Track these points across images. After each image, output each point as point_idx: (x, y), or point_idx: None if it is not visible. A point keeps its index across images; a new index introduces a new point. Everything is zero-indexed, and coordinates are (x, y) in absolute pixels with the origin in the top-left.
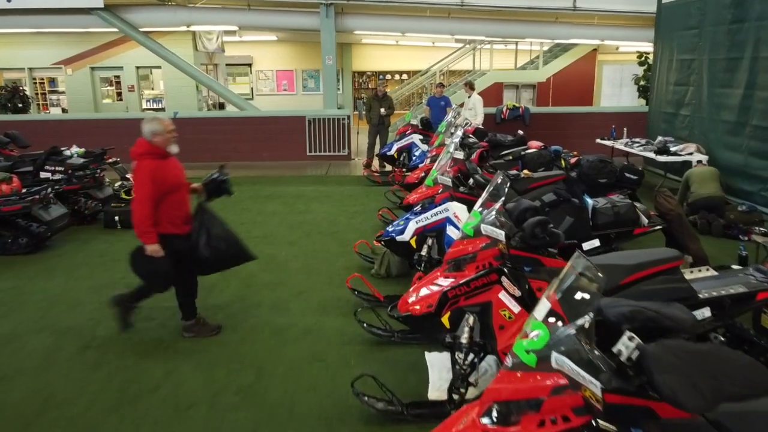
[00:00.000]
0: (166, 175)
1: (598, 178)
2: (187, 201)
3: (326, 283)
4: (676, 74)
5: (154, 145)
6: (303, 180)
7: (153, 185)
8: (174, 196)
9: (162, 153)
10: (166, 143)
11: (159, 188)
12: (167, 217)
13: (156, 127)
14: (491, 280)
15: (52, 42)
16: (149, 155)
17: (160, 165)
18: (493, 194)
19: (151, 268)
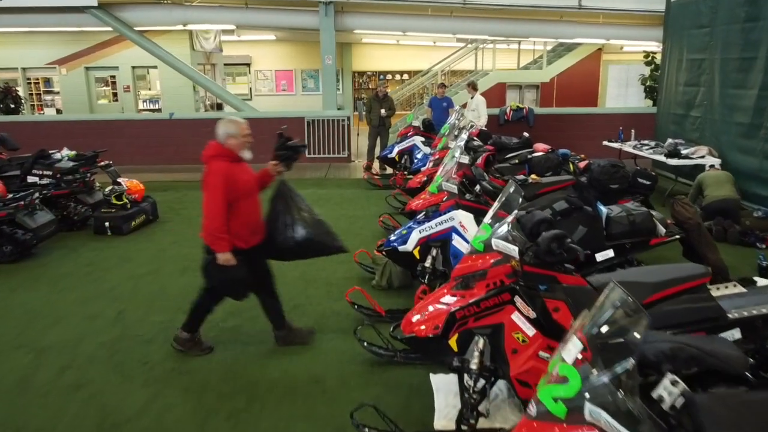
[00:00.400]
0: (237, 181)
1: (610, 183)
2: (257, 210)
3: (324, 295)
4: (686, 74)
5: (227, 148)
6: (301, 183)
7: (225, 188)
8: (242, 205)
9: (234, 157)
10: (239, 147)
11: (229, 193)
12: (233, 228)
13: (231, 129)
14: (503, 300)
15: (46, 41)
16: (221, 157)
17: (232, 168)
18: (505, 205)
19: (225, 278)
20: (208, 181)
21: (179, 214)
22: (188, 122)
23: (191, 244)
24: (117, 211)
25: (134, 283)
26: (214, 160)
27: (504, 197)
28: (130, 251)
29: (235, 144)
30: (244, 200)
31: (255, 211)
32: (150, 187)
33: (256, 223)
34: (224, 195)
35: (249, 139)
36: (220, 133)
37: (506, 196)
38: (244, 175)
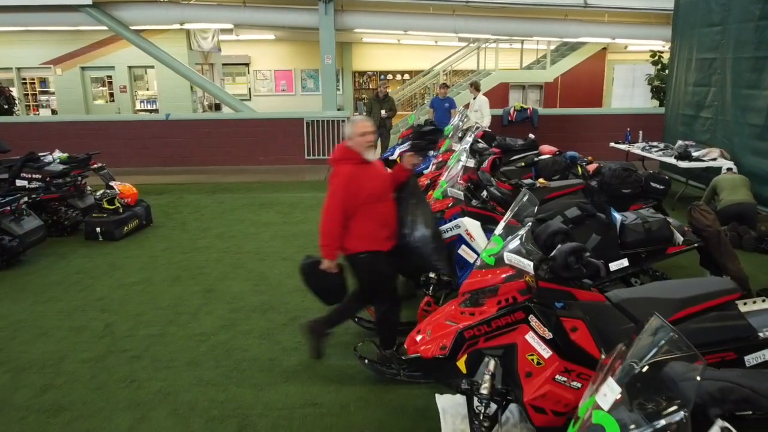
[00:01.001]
0: (362, 184)
1: (622, 188)
2: (390, 214)
3: (323, 306)
4: (695, 74)
5: (350, 150)
6: (300, 186)
7: (345, 194)
8: (372, 208)
9: (359, 158)
10: (359, 147)
11: (353, 198)
12: (364, 232)
13: (348, 130)
14: (516, 318)
15: (41, 41)
16: (346, 160)
17: (357, 172)
18: (518, 215)
19: (323, 285)
20: (330, 185)
21: (173, 219)
22: (185, 123)
23: (184, 250)
24: (109, 216)
25: (124, 293)
26: (339, 163)
27: (517, 206)
28: (121, 258)
29: (354, 144)
30: (375, 203)
31: (391, 213)
32: (145, 191)
33: (389, 228)
34: (343, 200)
35: (368, 139)
36: (346, 133)
37: (519, 205)
38: (372, 181)
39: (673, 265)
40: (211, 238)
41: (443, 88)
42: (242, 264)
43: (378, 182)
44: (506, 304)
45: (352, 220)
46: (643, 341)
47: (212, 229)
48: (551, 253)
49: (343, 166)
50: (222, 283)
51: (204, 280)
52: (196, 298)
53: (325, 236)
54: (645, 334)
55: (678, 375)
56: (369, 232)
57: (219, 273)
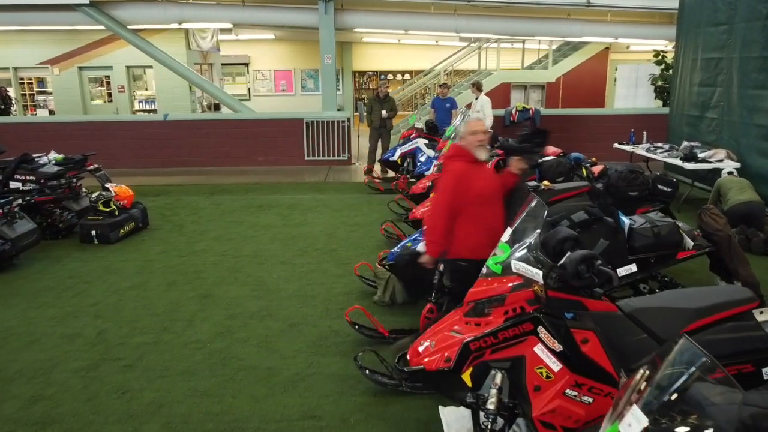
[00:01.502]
0: (471, 184)
1: (629, 190)
2: (497, 220)
3: (323, 312)
4: (701, 74)
5: (462, 148)
6: (300, 187)
7: (454, 191)
8: (479, 210)
9: (471, 157)
10: (470, 146)
11: (461, 196)
12: (468, 239)
13: (462, 129)
14: (524, 330)
15: (38, 40)
16: (457, 158)
17: (468, 170)
18: (526, 222)
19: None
20: (440, 180)
21: (170, 221)
22: (183, 123)
23: (180, 254)
24: (104, 219)
25: (118, 298)
26: (451, 160)
27: (524, 213)
28: (116, 262)
29: (465, 143)
30: (483, 206)
31: (498, 219)
32: (142, 192)
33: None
34: (451, 197)
35: (479, 138)
36: (460, 132)
37: (527, 211)
38: (482, 181)
39: (682, 270)
40: (209, 241)
41: (444, 88)
42: (240, 268)
43: (487, 183)
44: (513, 314)
45: (458, 223)
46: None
47: (210, 231)
48: (560, 260)
49: (454, 163)
50: (219, 288)
51: (200, 285)
52: (192, 304)
53: (430, 232)
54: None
55: (706, 399)
56: (474, 239)
57: (216, 277)
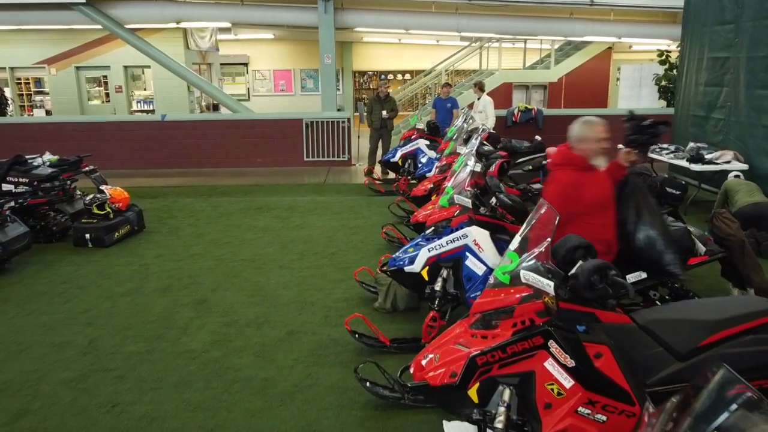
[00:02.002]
0: (582, 193)
1: None
2: (608, 228)
3: (322, 320)
4: (707, 74)
5: (574, 154)
6: (299, 189)
7: (562, 203)
8: (589, 219)
9: (583, 164)
10: (590, 153)
11: (571, 207)
12: None
13: (583, 132)
14: (534, 344)
15: (35, 40)
16: (567, 166)
17: (579, 179)
18: (536, 229)
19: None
20: (547, 191)
21: (166, 224)
22: (181, 124)
23: (176, 258)
24: (98, 222)
25: (111, 305)
26: (559, 168)
27: (534, 219)
28: (110, 266)
29: (586, 149)
30: (593, 215)
31: (610, 227)
32: (139, 194)
33: (609, 241)
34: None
35: (603, 145)
36: (573, 136)
37: (536, 217)
38: (595, 188)
39: (693, 276)
40: (206, 245)
41: (446, 87)
42: (237, 273)
43: (600, 191)
44: (522, 327)
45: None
46: (709, 400)
47: (207, 234)
48: (571, 269)
49: (562, 172)
50: (215, 294)
51: (196, 291)
52: (188, 311)
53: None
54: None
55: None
56: None
57: (212, 283)
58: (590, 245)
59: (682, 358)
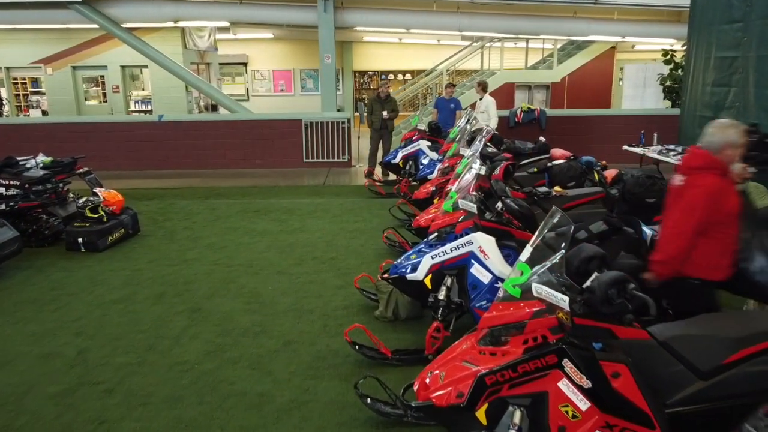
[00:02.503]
0: (723, 201)
1: (646, 197)
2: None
3: (320, 329)
4: (714, 73)
5: (720, 159)
6: (298, 191)
7: (706, 210)
8: (721, 230)
9: (726, 170)
10: (733, 159)
11: (712, 215)
12: (705, 257)
13: (733, 137)
14: (548, 363)
15: (30, 39)
16: (710, 171)
17: (722, 186)
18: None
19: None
20: (687, 196)
21: (162, 227)
22: (179, 125)
23: (171, 263)
24: (92, 226)
25: (102, 313)
26: (702, 173)
27: (546, 228)
28: (102, 272)
29: (732, 156)
30: (731, 225)
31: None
32: (135, 196)
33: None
34: (701, 216)
35: (741, 151)
36: (716, 141)
37: (549, 226)
38: (734, 196)
39: None
40: (202, 249)
41: (449, 87)
42: (233, 278)
43: (736, 200)
44: (534, 344)
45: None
46: None
47: (203, 238)
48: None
49: (705, 176)
50: (210, 302)
51: (191, 298)
52: (181, 319)
53: (667, 253)
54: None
55: None
56: (711, 258)
57: (207, 289)
58: (605, 255)
59: (704, 377)
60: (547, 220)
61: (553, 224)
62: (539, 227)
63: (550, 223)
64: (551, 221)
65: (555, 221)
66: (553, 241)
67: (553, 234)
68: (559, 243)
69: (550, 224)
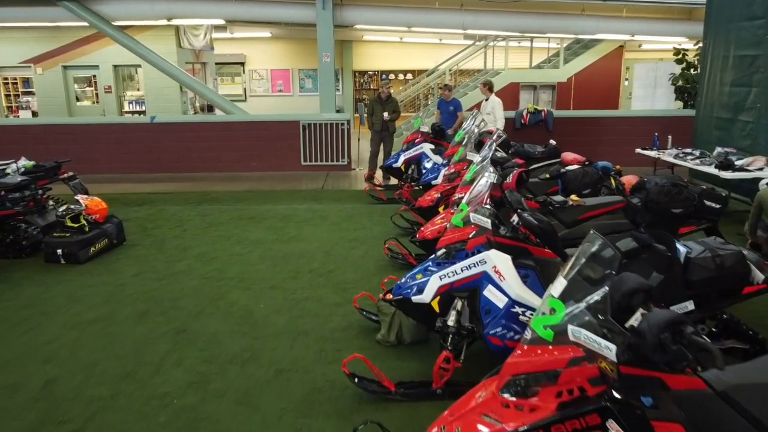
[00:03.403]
0: None
1: (672, 207)
2: None
3: (316, 355)
4: (733, 73)
5: None
6: (295, 196)
7: None
8: None
9: None
10: None
11: None
12: None
13: None
14: (589, 424)
15: (20, 38)
16: None
17: None
18: (586, 270)
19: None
20: None
21: (150, 236)
22: (172, 126)
23: (157, 276)
24: (72, 236)
25: (77, 335)
26: None
27: (583, 257)
28: (82, 287)
29: None
30: None
31: None
32: (124, 201)
33: None
34: None
35: None
36: None
37: (587, 254)
38: None
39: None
40: (191, 260)
41: (446, 90)
42: (223, 294)
43: None
44: (570, 397)
45: None
46: None
47: (193, 248)
48: (627, 317)
49: None
50: (197, 322)
51: (176, 317)
52: (164, 342)
53: None
54: None
55: None
56: None
57: (194, 307)
58: (651, 288)
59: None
60: (584, 248)
61: (591, 253)
62: (575, 255)
63: (588, 251)
64: (589, 249)
65: (594, 249)
66: (592, 273)
67: (592, 264)
68: (600, 276)
69: (588, 253)
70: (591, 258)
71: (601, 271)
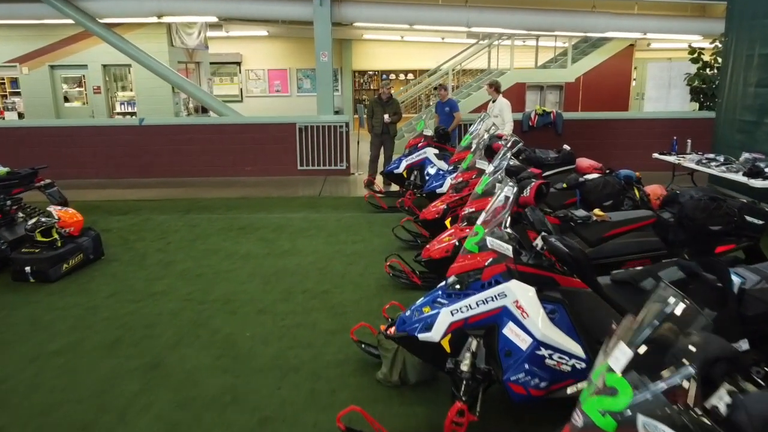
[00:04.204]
0: None
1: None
2: None
3: (307, 396)
4: (758, 72)
5: None
6: (291, 203)
7: None
8: None
9: None
10: None
11: None
12: None
13: None
14: None
15: (5, 36)
16: None
17: None
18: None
19: None
20: None
21: (131, 249)
22: (161, 129)
23: (134, 298)
24: (42, 252)
25: (36, 371)
26: None
27: (655, 318)
28: (50, 310)
29: None
30: None
31: None
32: (108, 209)
33: None
34: None
35: None
36: None
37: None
38: None
39: None
40: (173, 278)
41: (442, 90)
42: (205, 320)
43: None
44: None
45: None
46: None
47: (177, 263)
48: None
49: None
50: (173, 353)
51: (150, 348)
52: (133, 381)
53: None
54: None
55: None
56: None
57: (172, 335)
58: (738, 356)
59: None
60: (654, 307)
61: (666, 315)
62: (641, 314)
63: (660, 312)
64: (663, 311)
65: (669, 311)
66: (667, 343)
67: (668, 330)
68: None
69: (662, 315)
70: (667, 321)
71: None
